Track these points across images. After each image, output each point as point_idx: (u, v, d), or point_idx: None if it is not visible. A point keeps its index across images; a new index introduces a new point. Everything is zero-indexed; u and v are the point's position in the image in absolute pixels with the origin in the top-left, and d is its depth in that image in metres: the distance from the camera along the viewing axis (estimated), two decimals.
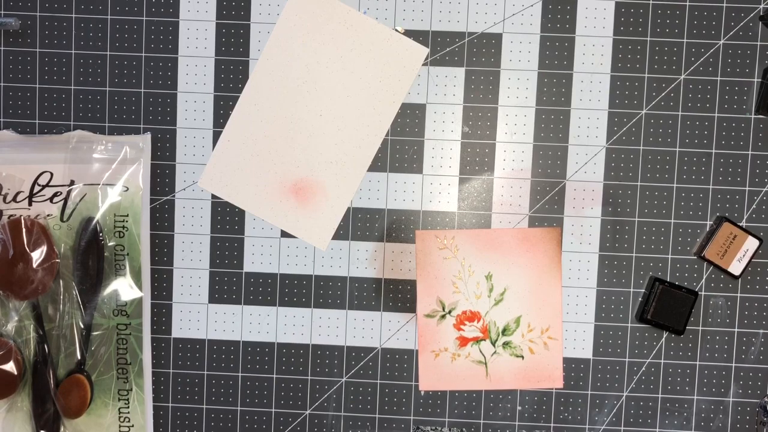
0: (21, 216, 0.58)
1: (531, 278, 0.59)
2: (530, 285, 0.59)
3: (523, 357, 0.58)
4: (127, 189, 0.59)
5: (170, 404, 0.61)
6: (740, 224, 0.58)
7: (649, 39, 0.58)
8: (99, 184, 0.59)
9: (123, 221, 0.59)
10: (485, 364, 0.58)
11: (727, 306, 0.59)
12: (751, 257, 0.58)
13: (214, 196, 0.60)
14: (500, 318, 0.58)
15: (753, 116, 0.59)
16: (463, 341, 0.58)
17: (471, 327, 0.59)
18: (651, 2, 0.58)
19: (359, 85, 0.59)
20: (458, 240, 0.58)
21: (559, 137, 0.59)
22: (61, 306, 0.58)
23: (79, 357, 0.59)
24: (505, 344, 0.58)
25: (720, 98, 0.58)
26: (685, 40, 0.58)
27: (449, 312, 0.59)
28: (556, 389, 0.59)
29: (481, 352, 0.59)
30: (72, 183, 0.59)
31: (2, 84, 0.60)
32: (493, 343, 0.58)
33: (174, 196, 0.60)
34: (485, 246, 0.59)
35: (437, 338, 0.59)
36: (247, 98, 0.59)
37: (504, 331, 0.58)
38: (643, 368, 0.59)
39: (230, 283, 0.60)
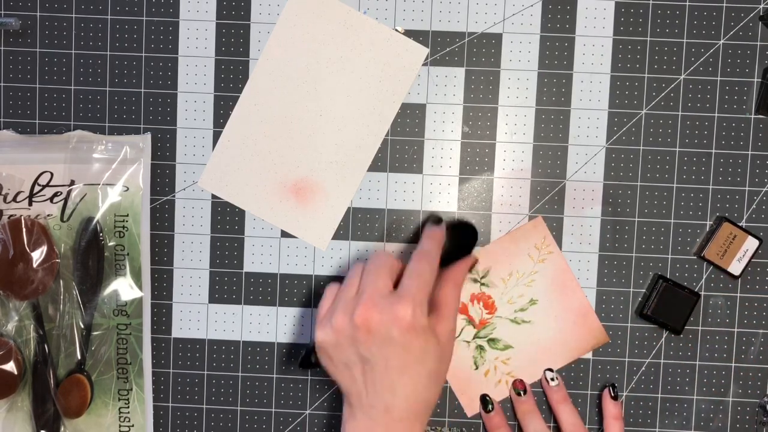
0: (21, 216, 0.58)
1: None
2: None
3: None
4: (127, 189, 0.59)
5: (170, 404, 0.61)
6: (740, 224, 0.58)
7: (649, 39, 0.58)
8: (99, 184, 0.59)
9: (123, 221, 0.59)
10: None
11: (726, 306, 0.59)
12: (751, 257, 0.58)
13: (214, 196, 0.60)
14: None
15: (753, 116, 0.59)
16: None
17: (477, 308, 0.59)
18: (651, 2, 0.58)
19: (359, 85, 0.59)
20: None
21: (559, 137, 0.59)
22: (61, 306, 0.58)
23: (79, 357, 0.59)
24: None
25: (720, 98, 0.58)
26: (685, 40, 0.58)
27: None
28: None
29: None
30: (72, 183, 0.59)
31: (2, 84, 0.60)
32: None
33: (174, 196, 0.60)
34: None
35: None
36: (247, 98, 0.59)
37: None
38: (643, 368, 0.59)
39: (230, 283, 0.60)
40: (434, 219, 0.54)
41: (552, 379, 0.58)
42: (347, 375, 0.48)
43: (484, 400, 0.59)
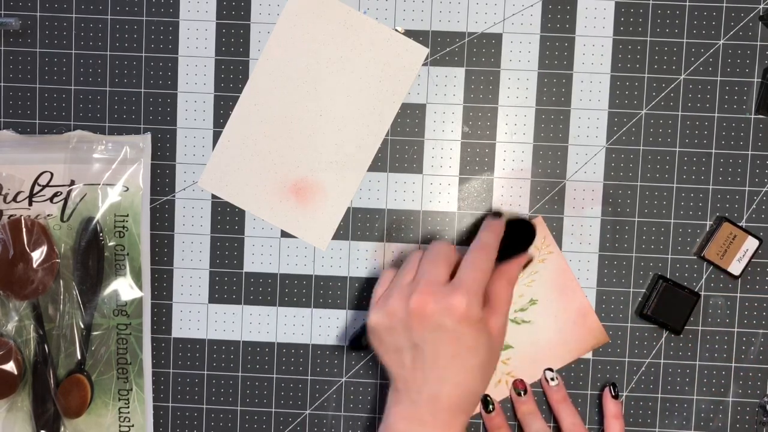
0: (21, 216, 0.58)
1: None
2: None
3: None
4: (127, 189, 0.59)
5: (170, 404, 0.61)
6: (740, 224, 0.58)
7: (649, 39, 0.58)
8: (99, 184, 0.59)
9: (123, 221, 0.59)
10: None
11: (726, 306, 0.59)
12: (751, 257, 0.58)
13: (214, 196, 0.60)
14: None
15: (753, 116, 0.59)
16: None
17: None
18: (651, 2, 0.58)
19: (359, 85, 0.59)
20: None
21: (559, 137, 0.59)
22: (61, 306, 0.58)
23: (79, 357, 0.59)
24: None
25: (720, 98, 0.58)
26: (685, 40, 0.58)
27: None
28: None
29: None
30: (72, 183, 0.59)
31: (2, 84, 0.60)
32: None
33: (174, 196, 0.60)
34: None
35: None
36: (247, 98, 0.59)
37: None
38: (643, 368, 0.59)
39: (230, 283, 0.60)
40: (494, 212, 0.54)
41: (552, 379, 0.58)
42: (397, 360, 0.48)
43: (485, 400, 0.59)
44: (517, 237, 0.53)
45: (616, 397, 0.57)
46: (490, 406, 0.58)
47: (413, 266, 0.50)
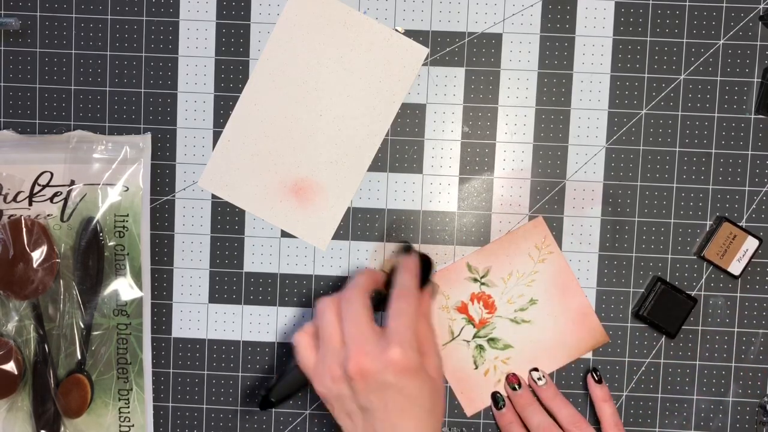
0: (21, 216, 0.58)
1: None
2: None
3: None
4: (127, 189, 0.59)
5: (170, 404, 0.61)
6: (740, 224, 0.58)
7: (649, 39, 0.58)
8: (99, 184, 0.59)
9: (123, 221, 0.59)
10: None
11: (726, 306, 0.59)
12: (751, 257, 0.58)
13: (214, 196, 0.60)
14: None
15: (753, 116, 0.59)
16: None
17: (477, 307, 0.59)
18: (651, 2, 0.58)
19: (359, 85, 0.59)
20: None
21: (559, 137, 0.59)
22: (61, 306, 0.59)
23: (79, 357, 0.59)
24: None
25: (720, 98, 0.58)
26: (685, 40, 0.58)
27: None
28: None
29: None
30: (72, 183, 0.59)
31: (2, 84, 0.60)
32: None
33: (174, 196, 0.60)
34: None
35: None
36: (247, 98, 0.59)
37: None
38: (643, 368, 0.59)
39: (230, 283, 0.60)
40: (405, 248, 0.55)
41: (539, 379, 0.58)
42: (350, 424, 0.48)
43: (495, 397, 0.59)
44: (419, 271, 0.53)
45: (599, 381, 0.58)
46: (501, 403, 0.58)
47: (335, 326, 0.48)
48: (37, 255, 0.58)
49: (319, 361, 0.48)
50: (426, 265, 0.54)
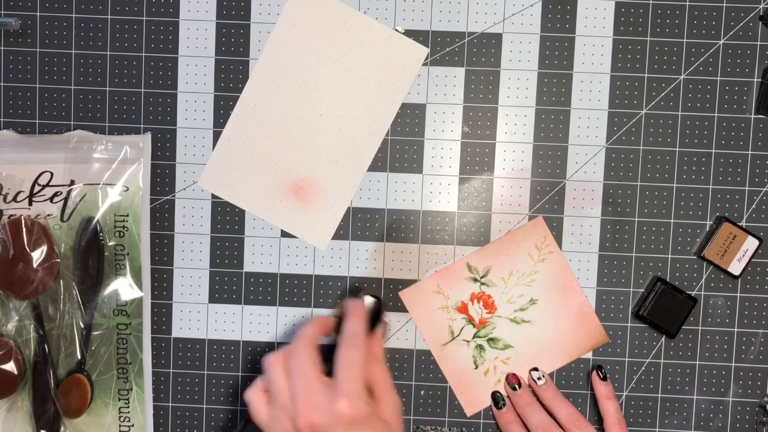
0: (21, 216, 0.58)
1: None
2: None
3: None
4: (127, 189, 0.59)
5: (170, 404, 0.61)
6: (740, 224, 0.58)
7: (649, 39, 0.58)
8: (99, 184, 0.59)
9: (123, 221, 0.59)
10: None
11: (726, 306, 0.59)
12: (751, 257, 0.58)
13: (214, 196, 0.60)
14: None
15: (753, 116, 0.59)
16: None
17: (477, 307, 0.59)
18: (651, 2, 0.58)
19: (359, 85, 0.59)
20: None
21: (559, 137, 0.59)
22: (61, 306, 0.59)
23: (79, 357, 0.59)
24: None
25: (720, 98, 0.58)
26: (685, 40, 0.58)
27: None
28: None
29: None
30: (72, 183, 0.59)
31: (2, 84, 0.60)
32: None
33: (174, 196, 0.60)
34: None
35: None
36: (247, 98, 0.59)
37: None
38: (643, 368, 0.59)
39: (230, 283, 0.60)
40: (354, 291, 0.55)
41: (539, 379, 0.58)
42: None
43: (495, 397, 0.59)
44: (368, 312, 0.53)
45: (604, 378, 0.58)
46: (501, 403, 0.58)
47: (282, 379, 0.48)
48: (37, 255, 0.58)
49: (272, 416, 0.48)
50: (376, 306, 0.54)
